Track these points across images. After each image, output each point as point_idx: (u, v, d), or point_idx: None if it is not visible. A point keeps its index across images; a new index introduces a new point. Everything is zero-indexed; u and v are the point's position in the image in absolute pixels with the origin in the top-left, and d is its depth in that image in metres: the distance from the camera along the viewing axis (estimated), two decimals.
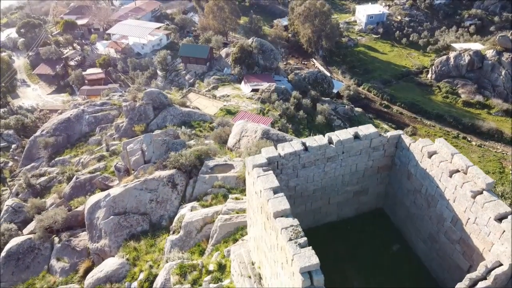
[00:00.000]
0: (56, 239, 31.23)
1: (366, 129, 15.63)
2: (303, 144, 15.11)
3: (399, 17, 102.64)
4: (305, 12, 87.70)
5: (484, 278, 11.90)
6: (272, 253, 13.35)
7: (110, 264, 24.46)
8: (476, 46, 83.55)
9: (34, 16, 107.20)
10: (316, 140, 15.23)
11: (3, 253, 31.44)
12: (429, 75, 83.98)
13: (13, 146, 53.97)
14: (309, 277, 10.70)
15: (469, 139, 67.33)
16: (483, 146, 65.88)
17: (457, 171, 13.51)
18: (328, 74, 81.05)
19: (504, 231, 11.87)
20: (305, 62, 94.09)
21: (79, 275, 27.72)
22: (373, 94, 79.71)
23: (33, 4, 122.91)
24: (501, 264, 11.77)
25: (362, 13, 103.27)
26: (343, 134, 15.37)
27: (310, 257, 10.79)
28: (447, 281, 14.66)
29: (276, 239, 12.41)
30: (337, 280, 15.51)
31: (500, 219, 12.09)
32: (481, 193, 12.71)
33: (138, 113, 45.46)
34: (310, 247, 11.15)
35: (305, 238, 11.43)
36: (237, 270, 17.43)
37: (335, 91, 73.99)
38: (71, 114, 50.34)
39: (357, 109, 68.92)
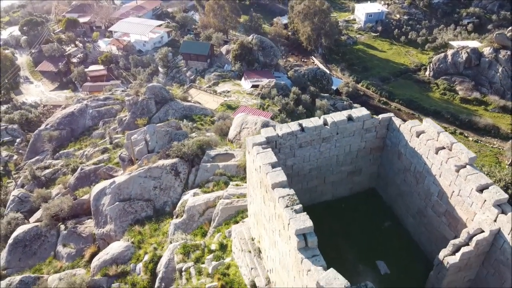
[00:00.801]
0: (62, 227, 32.17)
1: (359, 112, 16.64)
2: (300, 125, 16.12)
3: (397, 16, 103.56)
4: (304, 10, 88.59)
5: (466, 244, 12.93)
6: (271, 224, 14.36)
7: (116, 247, 25.44)
8: (474, 43, 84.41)
9: (36, 14, 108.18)
10: (312, 122, 16.25)
11: (10, 240, 32.37)
12: (427, 73, 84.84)
13: (18, 140, 54.92)
14: (304, 239, 11.71)
15: (466, 134, 68.21)
16: (479, 141, 66.80)
17: (443, 148, 14.52)
18: (327, 71, 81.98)
19: (485, 200, 12.88)
20: (305, 60, 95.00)
21: (85, 259, 28.66)
22: (372, 91, 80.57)
23: (34, 3, 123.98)
24: (482, 231, 12.79)
25: (361, 12, 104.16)
26: (338, 116, 16.38)
27: (304, 221, 11.81)
28: (434, 253, 15.58)
29: (274, 208, 13.42)
30: (332, 255, 16.41)
31: (481, 190, 13.09)
32: (464, 167, 13.72)
33: (141, 107, 46.42)
34: (305, 212, 12.16)
35: (300, 205, 12.45)
36: (238, 246, 18.44)
37: (334, 87, 74.91)
38: (74, 109, 51.33)
39: (355, 105, 69.76)
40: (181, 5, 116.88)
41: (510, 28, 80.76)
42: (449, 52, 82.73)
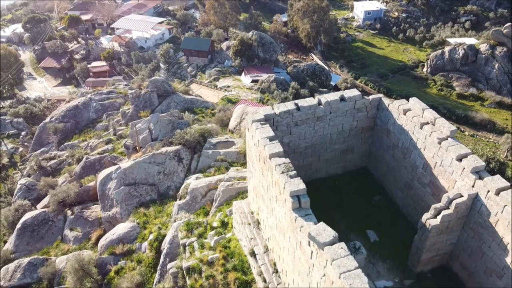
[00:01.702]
0: (69, 212, 33.40)
1: (351, 93, 17.87)
2: (296, 104, 17.34)
3: (396, 13, 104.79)
4: (304, 7, 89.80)
5: (447, 207, 14.17)
6: (268, 193, 15.59)
7: (122, 228, 26.68)
8: (471, 40, 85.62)
9: (39, 12, 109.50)
10: (307, 101, 17.47)
11: (19, 225, 33.58)
12: (424, 69, 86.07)
13: (23, 133, 56.16)
14: (298, 200, 12.94)
15: (462, 129, 69.41)
16: (475, 136, 68.04)
17: (427, 123, 15.75)
18: (326, 67, 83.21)
19: (464, 168, 14.10)
20: (304, 57, 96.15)
21: (91, 242, 29.91)
22: (370, 87, 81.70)
23: (36, 1, 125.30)
24: (461, 196, 14.00)
25: (360, 10, 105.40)
26: (331, 96, 17.61)
27: (298, 184, 13.03)
28: None
29: (271, 177, 14.65)
30: None
31: (460, 159, 14.31)
32: (446, 139, 14.95)
33: (143, 100, 47.60)
34: (299, 177, 13.38)
35: (295, 172, 13.67)
36: (238, 220, 19.68)
37: (332, 83, 76.08)
38: (79, 102, 52.53)
39: None
40: (181, 3, 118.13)
41: (506, 25, 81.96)
42: (446, 49, 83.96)
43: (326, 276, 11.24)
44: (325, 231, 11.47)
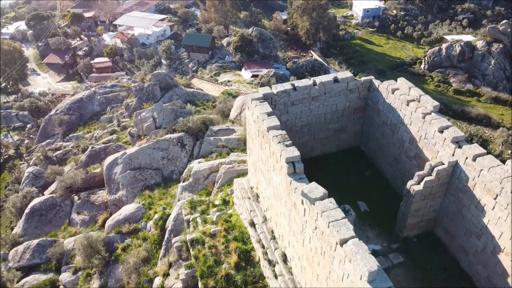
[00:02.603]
0: (76, 197, 34.80)
1: (343, 74, 19.21)
2: (292, 85, 18.67)
3: (394, 11, 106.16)
4: (303, 5, 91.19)
5: (429, 174, 15.49)
6: (266, 165, 16.92)
7: (128, 209, 28.03)
8: (467, 37, 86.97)
9: (41, 10, 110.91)
10: (303, 82, 18.80)
11: (27, 210, 34.97)
12: (422, 66, 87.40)
13: (28, 125, 57.53)
14: (293, 166, 14.26)
15: (458, 124, 70.65)
16: None
17: (413, 100, 17.08)
18: (325, 64, 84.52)
19: (445, 138, 15.43)
20: (304, 54, 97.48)
21: (98, 224, 31.26)
22: None
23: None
24: (442, 163, 15.33)
25: (359, 7, 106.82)
26: (325, 78, 18.94)
27: (293, 151, 14.36)
28: None
29: (269, 148, 15.98)
30: None
31: (442, 131, 15.64)
32: (430, 114, 16.27)
33: (146, 93, 48.99)
34: (294, 146, 14.71)
35: (290, 141, 15.00)
36: (239, 195, 21.02)
37: None
38: (83, 95, 53.91)
39: None
40: (182, 1, 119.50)
41: (503, 22, 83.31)
42: (444, 45, 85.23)
43: (317, 229, 12.57)
44: (316, 189, 12.81)
